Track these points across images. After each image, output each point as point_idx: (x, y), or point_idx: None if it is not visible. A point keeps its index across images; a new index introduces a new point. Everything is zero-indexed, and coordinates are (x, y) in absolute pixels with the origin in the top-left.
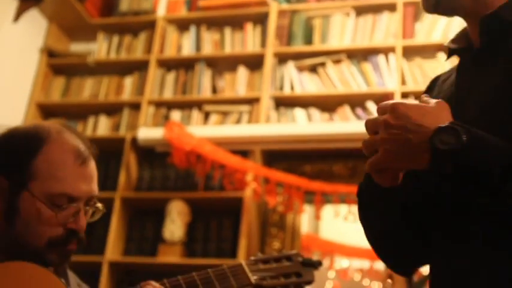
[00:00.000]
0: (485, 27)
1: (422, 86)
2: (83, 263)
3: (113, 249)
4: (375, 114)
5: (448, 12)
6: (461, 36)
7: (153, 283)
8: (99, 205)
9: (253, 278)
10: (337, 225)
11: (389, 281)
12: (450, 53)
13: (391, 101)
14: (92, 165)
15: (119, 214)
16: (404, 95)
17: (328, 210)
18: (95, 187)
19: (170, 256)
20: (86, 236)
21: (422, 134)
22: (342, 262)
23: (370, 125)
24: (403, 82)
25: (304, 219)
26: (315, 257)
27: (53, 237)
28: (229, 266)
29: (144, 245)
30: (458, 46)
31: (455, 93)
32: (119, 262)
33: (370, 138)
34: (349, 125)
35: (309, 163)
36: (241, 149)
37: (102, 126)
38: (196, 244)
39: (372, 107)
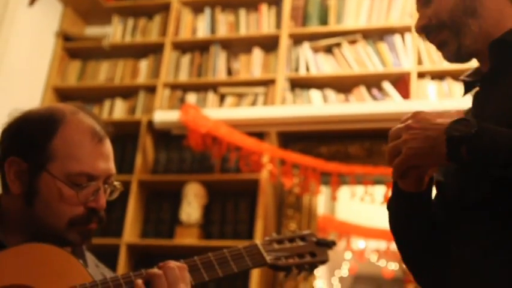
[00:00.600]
0: (493, 50)
1: (439, 66)
2: (101, 246)
3: (131, 232)
4: (390, 95)
5: (467, 58)
6: (475, 72)
7: (172, 262)
8: (117, 183)
9: (268, 258)
10: (354, 206)
11: None
12: (466, 87)
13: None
14: (108, 144)
15: (136, 197)
16: (421, 75)
17: (344, 191)
18: (112, 165)
19: (187, 238)
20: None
21: (439, 129)
22: (359, 243)
23: (393, 132)
24: (420, 62)
25: (321, 200)
26: (331, 238)
27: (74, 217)
28: (245, 247)
29: (161, 227)
30: (473, 79)
31: (471, 112)
32: (136, 244)
33: (393, 143)
34: (365, 106)
35: (325, 144)
36: (257, 130)
37: (118, 110)
38: (213, 226)
39: (388, 87)
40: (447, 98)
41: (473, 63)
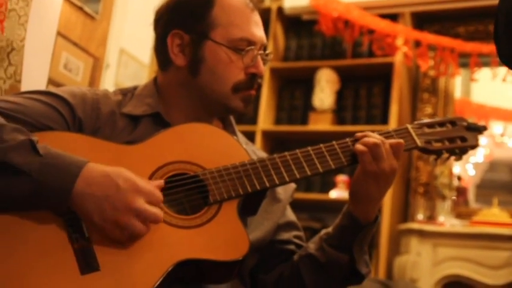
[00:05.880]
0: None
1: None
2: None
3: (265, 119)
4: None
5: None
6: None
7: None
8: (269, 53)
9: (419, 141)
10: (492, 88)
11: None
12: None
13: None
14: (258, 15)
15: (269, 84)
16: None
17: (483, 72)
18: (264, 35)
19: (320, 124)
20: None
21: None
22: (497, 127)
23: None
24: None
25: (457, 83)
26: (481, 123)
27: (237, 82)
28: (395, 129)
29: (295, 113)
30: None
31: None
32: (271, 130)
33: None
34: None
35: (463, 23)
36: (390, 12)
37: None
38: (346, 112)
39: None
40: None
41: None
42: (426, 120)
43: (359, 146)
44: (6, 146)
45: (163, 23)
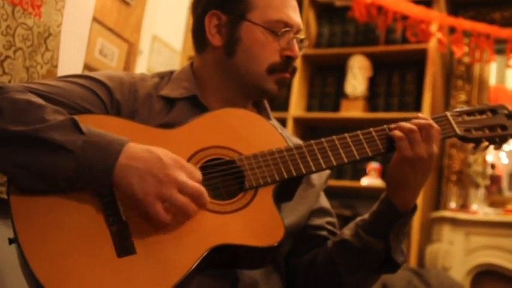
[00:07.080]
0: None
1: None
2: None
3: (296, 106)
4: None
5: None
6: None
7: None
8: (304, 39)
9: (458, 129)
10: None
11: None
12: None
13: None
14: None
15: (300, 71)
16: None
17: None
18: (300, 21)
19: (352, 111)
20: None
21: None
22: None
23: None
24: None
25: (492, 69)
26: None
27: (273, 64)
28: (434, 117)
29: (326, 100)
30: None
31: None
32: (302, 117)
33: None
34: None
35: (498, 9)
36: None
37: None
38: (379, 99)
39: None
40: None
41: None
42: (466, 107)
43: (396, 132)
44: (49, 125)
45: (202, 4)
